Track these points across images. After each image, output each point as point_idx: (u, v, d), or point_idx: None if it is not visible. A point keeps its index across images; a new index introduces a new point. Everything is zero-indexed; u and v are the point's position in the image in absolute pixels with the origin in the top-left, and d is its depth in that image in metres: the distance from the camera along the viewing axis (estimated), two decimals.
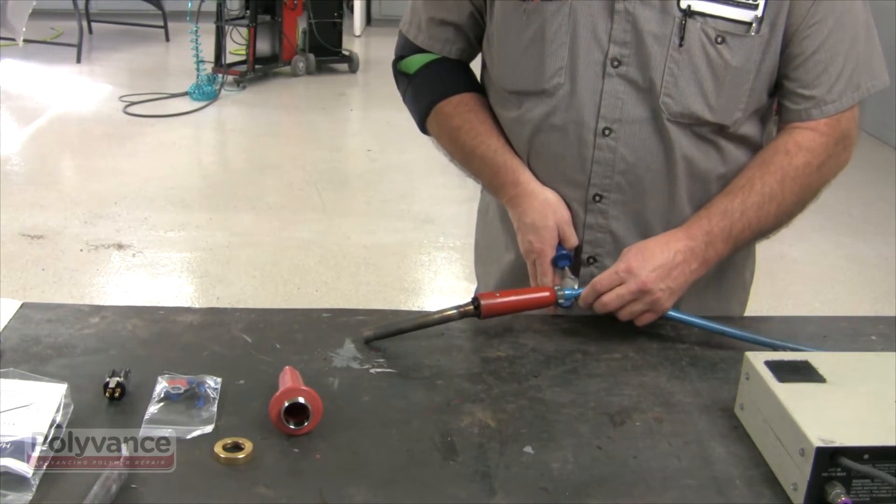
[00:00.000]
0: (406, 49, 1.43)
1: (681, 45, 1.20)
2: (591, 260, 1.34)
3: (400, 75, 1.46)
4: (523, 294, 1.24)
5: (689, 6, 1.19)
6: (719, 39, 1.20)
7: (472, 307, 1.20)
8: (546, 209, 1.30)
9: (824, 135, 1.27)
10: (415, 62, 1.42)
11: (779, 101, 1.31)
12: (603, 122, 1.26)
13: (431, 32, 1.39)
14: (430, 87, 1.41)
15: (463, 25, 1.37)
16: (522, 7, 1.25)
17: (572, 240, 1.31)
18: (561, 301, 1.23)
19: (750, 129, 1.30)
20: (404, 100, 1.46)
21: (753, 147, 1.32)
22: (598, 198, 1.30)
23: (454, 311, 1.19)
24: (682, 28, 1.20)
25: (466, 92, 1.39)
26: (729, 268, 1.41)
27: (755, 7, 1.20)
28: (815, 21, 1.21)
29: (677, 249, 1.22)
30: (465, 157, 1.40)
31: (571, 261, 1.30)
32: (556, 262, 1.29)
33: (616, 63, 1.23)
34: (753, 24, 1.20)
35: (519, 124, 1.33)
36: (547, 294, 1.23)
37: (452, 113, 1.38)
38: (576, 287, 1.24)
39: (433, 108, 1.40)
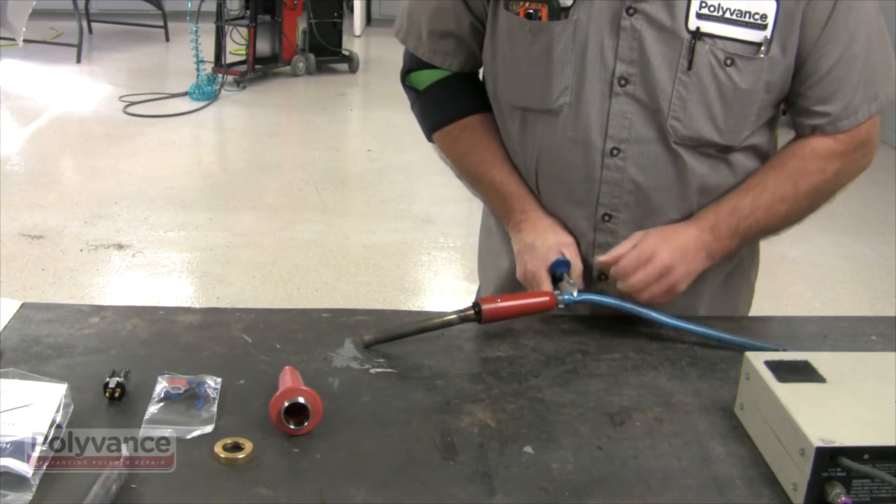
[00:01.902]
0: (413, 62, 1.40)
1: (689, 69, 1.18)
2: (602, 277, 1.32)
3: (409, 89, 1.44)
4: (524, 298, 1.23)
5: (698, 28, 1.17)
6: (728, 62, 1.18)
7: (472, 312, 1.19)
8: (548, 231, 1.30)
9: (842, 143, 1.26)
10: (423, 79, 1.40)
11: (792, 118, 1.30)
12: (611, 143, 1.24)
13: (432, 45, 1.36)
14: (438, 107, 1.40)
15: (464, 37, 1.34)
16: (528, 25, 1.23)
17: (576, 263, 1.29)
18: (561, 306, 1.22)
19: (758, 138, 1.29)
20: (412, 109, 1.45)
21: (763, 154, 1.32)
22: (607, 217, 1.30)
23: (455, 316, 1.19)
24: (691, 51, 1.17)
25: (474, 113, 1.37)
26: (736, 269, 1.42)
27: (764, 27, 1.17)
28: (829, 40, 1.19)
29: (690, 237, 1.23)
30: (472, 182, 1.40)
31: (570, 267, 1.28)
32: (554, 270, 1.27)
33: (623, 82, 1.21)
34: (763, 46, 1.18)
35: (525, 140, 1.32)
36: (547, 299, 1.22)
37: (459, 137, 1.38)
38: (575, 293, 1.23)
39: (440, 129, 1.39)
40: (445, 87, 1.39)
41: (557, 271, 1.27)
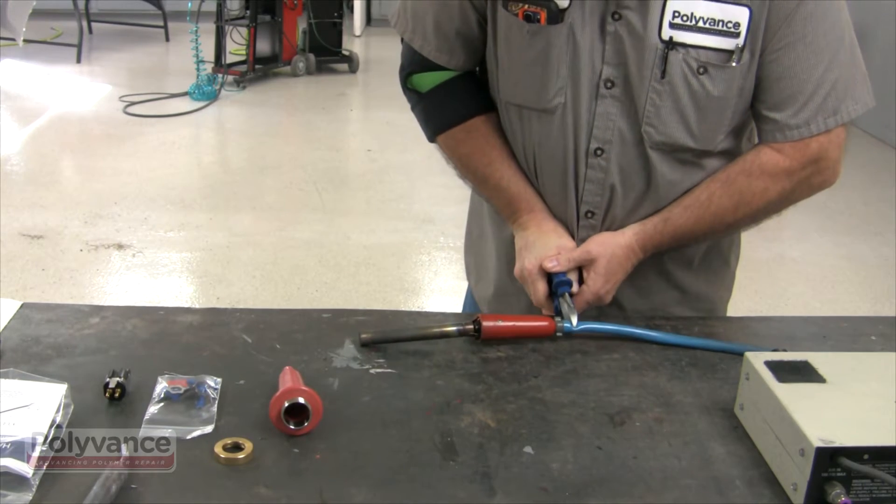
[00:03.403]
0: (414, 63, 1.38)
1: (663, 77, 1.19)
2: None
3: (410, 91, 1.41)
4: (524, 321, 1.24)
5: (671, 37, 1.17)
6: (701, 70, 1.19)
7: (472, 328, 1.20)
8: (550, 233, 1.32)
9: (789, 158, 1.24)
10: (426, 81, 1.38)
11: (754, 123, 1.30)
12: (595, 143, 1.26)
13: (439, 43, 1.33)
14: (441, 110, 1.39)
15: (470, 34, 1.33)
16: (525, 27, 1.23)
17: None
18: (559, 334, 1.23)
19: (730, 143, 1.30)
20: (413, 111, 1.43)
21: (734, 157, 1.32)
22: (589, 214, 1.32)
23: (454, 329, 1.20)
24: (664, 60, 1.18)
25: (478, 115, 1.37)
26: (715, 256, 1.43)
27: (737, 35, 1.17)
28: (781, 45, 1.18)
29: (632, 263, 1.30)
30: (478, 183, 1.41)
31: (571, 287, 1.28)
32: (556, 288, 1.27)
33: (609, 84, 1.23)
34: (735, 54, 1.18)
35: (523, 135, 1.33)
36: (546, 324, 1.23)
37: (464, 139, 1.37)
38: (574, 321, 1.22)
39: (444, 132, 1.39)
40: (448, 89, 1.38)
41: (559, 291, 1.27)
